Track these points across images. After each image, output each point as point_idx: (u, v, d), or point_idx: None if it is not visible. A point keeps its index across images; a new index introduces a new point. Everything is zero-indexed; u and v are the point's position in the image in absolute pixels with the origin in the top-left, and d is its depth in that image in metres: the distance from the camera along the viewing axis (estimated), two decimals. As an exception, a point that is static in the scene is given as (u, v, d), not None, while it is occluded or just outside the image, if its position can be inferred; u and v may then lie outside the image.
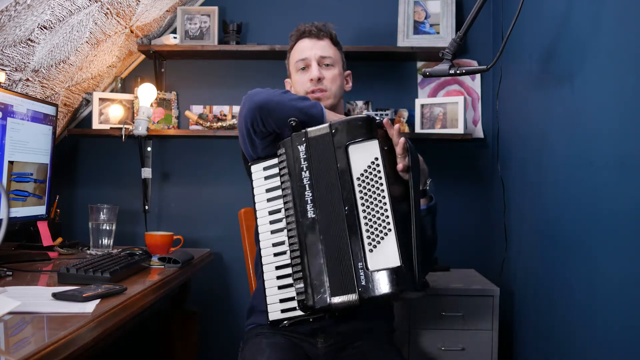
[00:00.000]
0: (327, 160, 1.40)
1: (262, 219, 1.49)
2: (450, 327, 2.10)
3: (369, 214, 1.36)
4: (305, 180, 1.41)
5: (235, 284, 2.62)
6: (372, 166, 1.38)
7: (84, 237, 2.30)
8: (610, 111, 1.37)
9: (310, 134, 1.43)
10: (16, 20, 1.76)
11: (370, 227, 1.35)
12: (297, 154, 1.43)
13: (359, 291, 1.32)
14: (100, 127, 2.51)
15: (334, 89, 1.65)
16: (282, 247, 1.46)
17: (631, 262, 1.26)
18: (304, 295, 1.36)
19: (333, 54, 1.67)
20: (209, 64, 2.65)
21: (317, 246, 1.37)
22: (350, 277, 1.34)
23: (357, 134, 1.40)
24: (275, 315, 1.44)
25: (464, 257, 2.56)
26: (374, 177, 1.37)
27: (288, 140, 1.45)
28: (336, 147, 1.40)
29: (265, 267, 1.47)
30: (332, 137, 1.41)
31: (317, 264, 1.37)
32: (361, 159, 1.39)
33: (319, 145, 1.42)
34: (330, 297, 1.34)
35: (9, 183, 1.84)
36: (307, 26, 1.68)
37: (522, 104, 2.09)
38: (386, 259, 1.32)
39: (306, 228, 1.39)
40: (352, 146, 1.39)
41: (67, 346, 1.05)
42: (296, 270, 1.39)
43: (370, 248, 1.34)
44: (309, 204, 1.40)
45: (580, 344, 1.51)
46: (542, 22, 1.87)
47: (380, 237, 1.34)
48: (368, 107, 2.54)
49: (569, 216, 1.60)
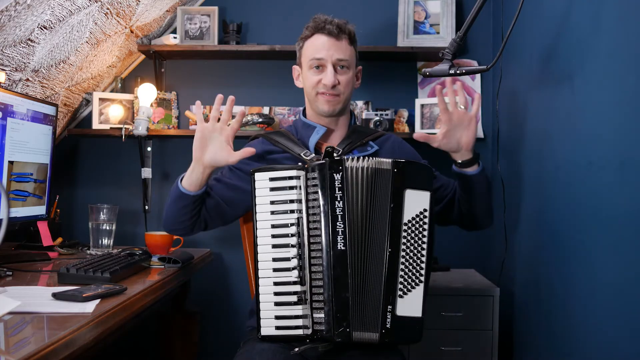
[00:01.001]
0: (379, 196, 1.40)
1: (263, 230, 1.44)
2: (450, 327, 2.10)
3: (407, 261, 1.39)
4: (338, 210, 1.38)
5: (235, 284, 2.62)
6: (420, 216, 1.40)
7: (84, 237, 2.30)
8: (611, 111, 1.37)
9: (356, 164, 1.40)
10: (16, 20, 1.76)
11: (406, 273, 1.39)
12: (331, 182, 1.39)
13: (382, 332, 1.37)
14: (100, 127, 2.51)
15: (347, 93, 1.64)
16: (284, 264, 1.42)
17: (631, 262, 1.26)
18: (324, 325, 1.36)
19: (349, 55, 1.63)
20: (209, 64, 2.65)
21: (344, 280, 1.37)
22: (376, 316, 1.37)
23: (418, 180, 1.41)
24: (268, 331, 1.42)
25: (464, 257, 2.56)
26: (420, 226, 1.40)
27: (321, 165, 1.41)
28: (394, 187, 1.39)
29: (262, 280, 1.43)
30: (392, 176, 1.40)
31: (342, 297, 1.36)
32: (412, 206, 1.40)
33: (369, 178, 1.40)
34: (352, 332, 1.36)
35: (9, 183, 1.84)
36: (326, 21, 1.62)
37: (522, 103, 2.09)
38: (411, 307, 1.38)
39: (334, 260, 1.37)
40: (408, 191, 1.40)
41: (67, 346, 1.05)
42: (317, 300, 1.38)
43: (400, 294, 1.38)
44: (339, 235, 1.37)
45: (580, 344, 1.51)
46: (542, 22, 1.86)
47: (411, 286, 1.39)
48: (368, 107, 2.54)
49: (569, 216, 1.60)
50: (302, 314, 1.40)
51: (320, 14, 1.66)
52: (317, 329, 1.38)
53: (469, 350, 2.09)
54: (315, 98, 1.64)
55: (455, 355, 2.09)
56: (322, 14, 1.65)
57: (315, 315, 1.38)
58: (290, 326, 1.40)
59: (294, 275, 1.41)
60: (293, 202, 1.42)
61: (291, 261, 1.42)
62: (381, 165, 1.41)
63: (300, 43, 1.68)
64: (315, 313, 1.38)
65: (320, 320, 1.37)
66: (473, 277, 2.33)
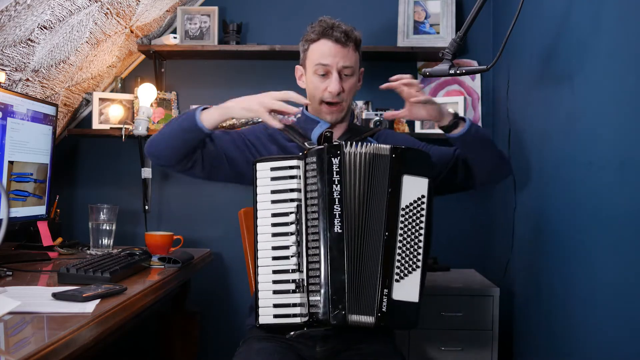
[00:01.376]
0: (377, 181, 1.41)
1: (263, 219, 1.45)
2: (450, 327, 2.10)
3: (404, 246, 1.40)
4: (335, 194, 1.39)
5: (235, 284, 2.62)
6: (418, 202, 1.42)
7: (84, 237, 2.30)
8: (610, 111, 1.37)
9: (354, 150, 1.42)
10: (16, 20, 1.76)
11: (402, 258, 1.40)
12: (329, 166, 1.40)
13: (377, 316, 1.37)
14: (100, 127, 2.51)
15: (349, 99, 1.66)
16: (283, 252, 1.42)
17: (631, 262, 1.26)
18: (320, 308, 1.36)
19: (354, 62, 1.63)
20: (209, 64, 2.65)
21: (340, 261, 1.37)
22: (371, 299, 1.38)
23: (416, 166, 1.42)
24: (266, 319, 1.42)
25: (464, 257, 2.56)
26: (417, 212, 1.41)
27: (319, 150, 1.42)
28: (392, 172, 1.41)
29: (261, 269, 1.44)
30: (390, 161, 1.41)
31: (338, 280, 1.36)
32: (410, 192, 1.41)
33: (367, 163, 1.41)
34: (348, 315, 1.36)
35: (9, 183, 1.84)
36: (334, 26, 1.61)
37: (522, 103, 2.09)
38: (408, 292, 1.39)
39: (331, 241, 1.37)
40: (406, 176, 1.41)
41: (67, 346, 1.05)
42: (313, 282, 1.38)
43: (397, 278, 1.39)
44: (336, 218, 1.38)
45: (580, 344, 1.51)
46: (542, 21, 1.86)
47: (408, 271, 1.40)
48: (368, 107, 2.54)
49: (569, 216, 1.60)
50: (299, 302, 1.40)
51: (327, 17, 1.64)
52: (313, 312, 1.37)
53: (469, 350, 2.09)
54: (319, 107, 1.66)
55: (455, 355, 2.09)
56: (329, 17, 1.64)
57: (312, 298, 1.37)
58: (288, 314, 1.40)
59: (292, 262, 1.41)
60: (293, 191, 1.43)
61: (290, 249, 1.42)
62: (379, 151, 1.43)
63: (305, 45, 1.67)
64: (312, 296, 1.37)
65: (316, 303, 1.37)
66: (473, 277, 2.33)
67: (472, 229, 2.58)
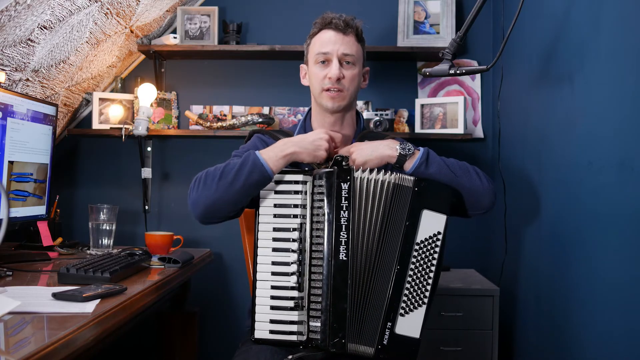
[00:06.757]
0: (394, 212, 1.39)
1: (265, 233, 1.44)
2: (450, 327, 2.09)
3: (414, 280, 1.39)
4: (342, 220, 1.38)
5: (235, 284, 2.62)
6: (433, 238, 1.40)
7: (84, 237, 2.30)
8: (610, 111, 1.37)
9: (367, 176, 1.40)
10: (16, 20, 1.76)
11: (410, 292, 1.39)
12: (338, 191, 1.39)
13: (378, 348, 1.37)
14: (100, 127, 2.51)
15: (352, 90, 1.60)
16: (283, 268, 1.42)
17: (631, 262, 1.26)
18: (319, 334, 1.36)
19: (356, 51, 1.60)
20: (209, 64, 2.65)
21: (343, 290, 1.37)
22: (374, 330, 1.37)
23: (437, 202, 1.40)
24: (262, 334, 1.41)
25: (464, 257, 2.56)
26: (431, 248, 1.40)
27: (329, 173, 1.40)
28: (412, 205, 1.39)
29: (260, 283, 1.43)
30: (412, 194, 1.40)
31: (340, 308, 1.36)
32: (427, 227, 1.40)
33: (385, 192, 1.39)
34: (348, 343, 1.36)
35: (9, 183, 1.84)
36: (334, 17, 1.61)
37: (522, 103, 2.09)
38: (410, 327, 1.38)
39: (334, 268, 1.37)
40: (426, 211, 1.40)
41: (67, 346, 1.05)
42: (314, 308, 1.37)
43: (402, 312, 1.38)
44: (342, 245, 1.37)
45: (580, 344, 1.51)
46: (542, 22, 1.87)
47: (414, 306, 1.39)
48: (368, 107, 2.55)
49: (569, 216, 1.60)
50: (297, 319, 1.40)
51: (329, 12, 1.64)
52: (312, 337, 1.38)
53: (469, 350, 2.09)
54: (320, 95, 1.62)
55: (455, 355, 2.09)
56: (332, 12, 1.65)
57: (312, 323, 1.38)
58: (285, 331, 1.40)
59: (293, 280, 1.40)
60: (297, 207, 1.42)
61: (291, 266, 1.41)
62: (402, 181, 1.41)
63: (307, 40, 1.66)
64: (312, 321, 1.38)
65: (316, 329, 1.37)
66: (473, 277, 2.33)
67: (472, 229, 2.58)
